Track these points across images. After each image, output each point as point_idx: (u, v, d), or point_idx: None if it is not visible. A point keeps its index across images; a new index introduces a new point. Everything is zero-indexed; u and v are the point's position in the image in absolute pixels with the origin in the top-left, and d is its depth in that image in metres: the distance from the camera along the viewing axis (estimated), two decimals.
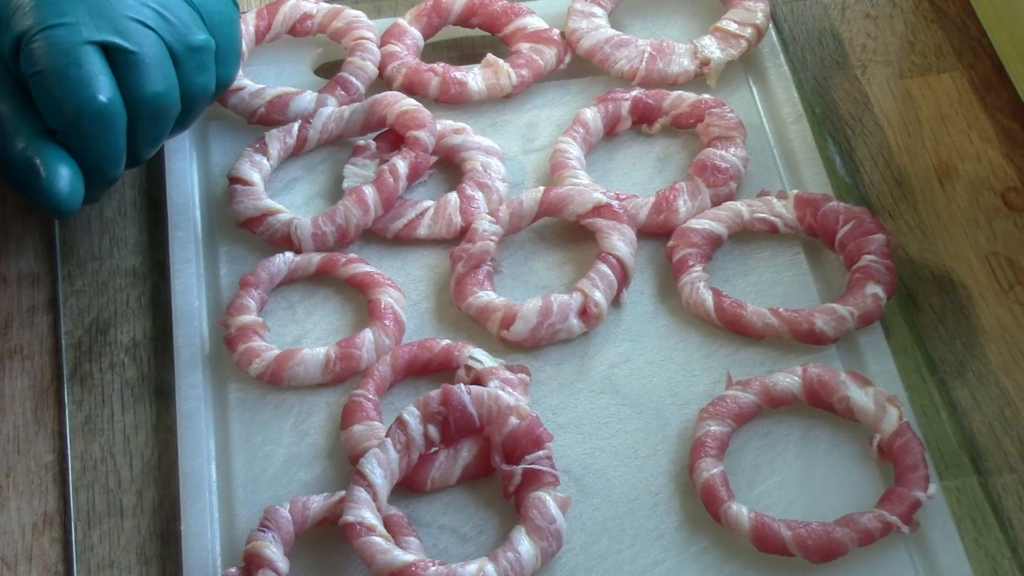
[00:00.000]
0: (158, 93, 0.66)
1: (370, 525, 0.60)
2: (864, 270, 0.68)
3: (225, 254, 0.73)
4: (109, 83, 0.64)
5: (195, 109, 0.69)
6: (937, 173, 0.76)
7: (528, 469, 0.62)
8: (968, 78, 0.80)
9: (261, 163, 0.74)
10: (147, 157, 0.68)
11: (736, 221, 0.72)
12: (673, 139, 0.77)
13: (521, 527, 0.61)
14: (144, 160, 0.69)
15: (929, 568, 0.61)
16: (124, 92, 0.65)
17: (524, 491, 0.62)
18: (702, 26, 0.81)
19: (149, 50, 0.65)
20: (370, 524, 0.60)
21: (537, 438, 0.62)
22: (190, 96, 0.68)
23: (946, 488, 0.64)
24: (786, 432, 0.66)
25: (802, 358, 0.67)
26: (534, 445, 0.62)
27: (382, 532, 0.60)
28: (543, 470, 0.62)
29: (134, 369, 0.69)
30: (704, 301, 0.69)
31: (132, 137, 0.66)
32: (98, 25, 0.64)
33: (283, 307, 0.71)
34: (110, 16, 0.65)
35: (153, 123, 0.67)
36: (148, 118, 0.66)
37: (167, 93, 0.66)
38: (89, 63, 0.64)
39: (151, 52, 0.65)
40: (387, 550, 0.59)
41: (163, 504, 0.65)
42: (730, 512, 0.61)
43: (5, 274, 0.73)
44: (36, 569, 0.63)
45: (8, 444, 0.67)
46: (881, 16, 0.84)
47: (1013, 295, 0.71)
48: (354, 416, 0.65)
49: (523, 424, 0.62)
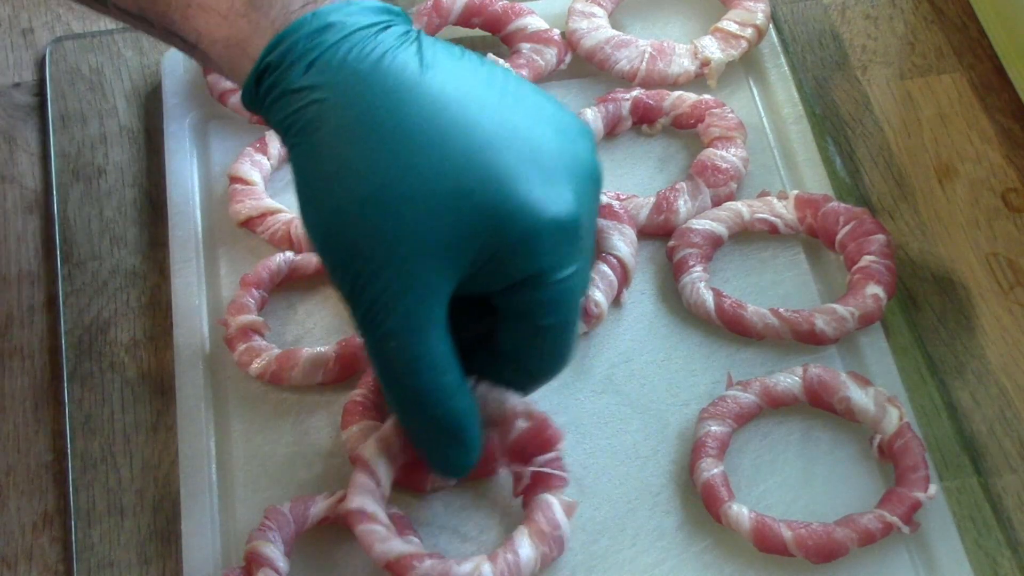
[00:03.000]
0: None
1: (371, 513, 0.59)
2: (864, 270, 0.69)
3: (225, 254, 0.72)
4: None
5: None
6: (937, 174, 0.77)
7: (537, 471, 0.61)
8: (968, 79, 0.80)
9: (261, 163, 0.74)
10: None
11: (736, 221, 0.72)
12: (673, 139, 0.77)
13: (524, 529, 0.60)
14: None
15: (929, 568, 0.61)
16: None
17: (532, 491, 0.61)
18: (702, 26, 0.81)
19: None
20: (371, 512, 0.59)
21: (547, 439, 0.62)
22: None
23: (946, 488, 0.64)
24: (786, 432, 0.66)
25: (802, 358, 0.67)
26: (545, 445, 0.62)
27: (383, 520, 0.59)
28: (553, 473, 0.61)
29: (134, 369, 0.69)
30: (704, 301, 0.69)
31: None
32: (589, 272, 0.59)
33: (283, 307, 0.71)
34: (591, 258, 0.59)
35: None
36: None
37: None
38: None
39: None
40: (386, 538, 0.59)
41: (163, 504, 0.65)
42: (730, 512, 0.61)
43: (5, 274, 0.73)
44: (36, 568, 0.63)
45: (8, 443, 0.67)
46: (881, 17, 0.84)
47: (1013, 295, 0.71)
48: (354, 416, 0.65)
49: (533, 425, 0.62)
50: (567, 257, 0.55)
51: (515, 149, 0.54)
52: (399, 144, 0.53)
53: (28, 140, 0.78)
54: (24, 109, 0.80)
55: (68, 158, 0.77)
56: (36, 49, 0.82)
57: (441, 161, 0.53)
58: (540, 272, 0.55)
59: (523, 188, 0.54)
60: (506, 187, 0.53)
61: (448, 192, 0.53)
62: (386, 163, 0.53)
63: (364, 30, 0.55)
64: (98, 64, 0.81)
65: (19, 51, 0.82)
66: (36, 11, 0.84)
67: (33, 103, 0.80)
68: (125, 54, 0.81)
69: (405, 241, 0.53)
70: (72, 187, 0.76)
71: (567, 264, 0.55)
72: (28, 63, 0.82)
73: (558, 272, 0.55)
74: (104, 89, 0.80)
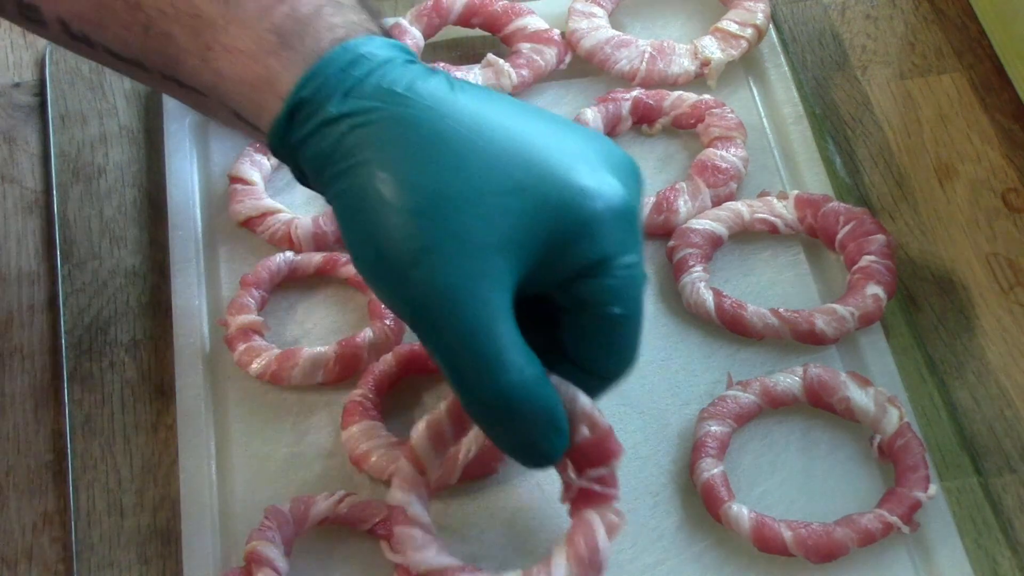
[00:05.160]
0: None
1: (412, 516, 0.57)
2: (864, 270, 0.69)
3: (225, 254, 0.72)
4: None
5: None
6: (937, 174, 0.77)
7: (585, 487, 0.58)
8: (968, 79, 0.80)
9: (261, 163, 0.74)
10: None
11: (736, 221, 0.72)
12: (673, 139, 0.77)
13: (563, 549, 0.57)
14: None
15: (929, 568, 0.61)
16: None
17: (580, 504, 0.58)
18: (702, 26, 0.81)
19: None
20: (412, 514, 0.57)
21: (606, 452, 0.57)
22: None
23: (946, 488, 0.64)
24: (786, 432, 0.66)
25: (802, 358, 0.67)
26: (603, 458, 0.57)
27: (424, 521, 0.57)
28: (601, 491, 0.57)
29: (134, 369, 0.69)
30: (704, 301, 0.69)
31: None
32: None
33: (283, 307, 0.71)
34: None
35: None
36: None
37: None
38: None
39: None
40: (422, 546, 0.57)
41: (163, 504, 0.65)
42: (730, 512, 0.61)
43: (5, 274, 0.73)
44: (36, 568, 0.63)
45: (8, 443, 0.67)
46: (881, 17, 0.84)
47: (1013, 296, 0.71)
48: (354, 416, 0.65)
49: (595, 435, 0.57)
50: (629, 243, 0.56)
51: (560, 147, 0.55)
52: (448, 152, 0.54)
53: (28, 140, 0.78)
54: (24, 109, 0.80)
55: (68, 158, 0.77)
56: (36, 49, 0.82)
57: (491, 162, 0.54)
58: (603, 258, 0.55)
59: (576, 179, 0.54)
60: (560, 179, 0.54)
61: (504, 191, 0.54)
62: (437, 171, 0.54)
63: (392, 61, 0.56)
64: (98, 64, 0.81)
65: (19, 51, 0.82)
66: None
67: (33, 103, 0.80)
68: None
69: (469, 238, 0.53)
70: (72, 187, 0.76)
71: (629, 250, 0.55)
72: (28, 63, 0.82)
73: (622, 257, 0.55)
74: (104, 89, 0.80)
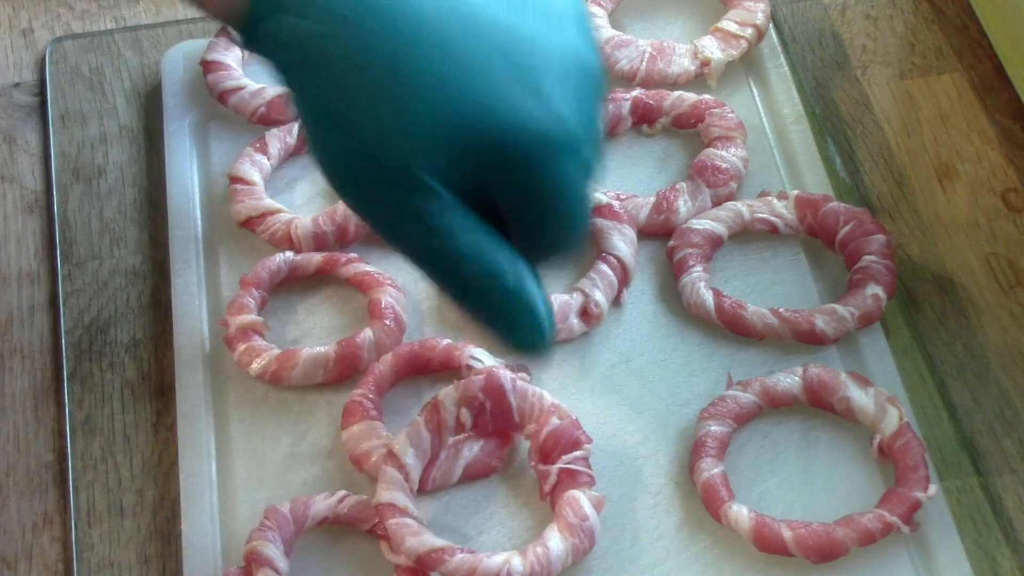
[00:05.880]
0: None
1: (402, 507, 0.60)
2: (864, 270, 0.69)
3: (225, 254, 0.72)
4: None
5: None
6: (937, 174, 0.77)
7: (564, 469, 0.61)
8: (968, 79, 0.80)
9: (261, 163, 0.74)
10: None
11: (736, 221, 0.72)
12: (673, 139, 0.77)
13: (553, 525, 0.60)
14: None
15: (929, 568, 0.61)
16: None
17: (559, 491, 0.61)
18: (702, 26, 0.81)
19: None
20: (402, 506, 0.60)
21: (576, 440, 0.62)
22: None
23: (946, 488, 0.64)
24: (786, 432, 0.66)
25: (802, 358, 0.67)
26: (572, 446, 0.62)
27: (415, 514, 0.60)
28: (579, 470, 0.61)
29: (134, 369, 0.69)
30: (704, 301, 0.69)
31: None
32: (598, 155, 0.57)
33: (283, 307, 0.71)
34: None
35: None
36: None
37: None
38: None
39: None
40: (418, 532, 0.59)
41: (163, 504, 0.65)
42: (730, 512, 0.61)
43: (5, 274, 0.73)
44: (36, 568, 0.63)
45: (8, 443, 0.67)
46: (881, 17, 0.84)
47: (1013, 296, 0.71)
48: (354, 416, 0.65)
49: (563, 424, 0.62)
50: (567, 164, 0.54)
51: (496, 65, 0.53)
52: (391, 75, 0.52)
53: (28, 140, 0.78)
54: (24, 109, 0.80)
55: (68, 158, 0.77)
56: (36, 49, 0.82)
57: (424, 93, 0.52)
58: (543, 185, 0.54)
59: (505, 107, 0.53)
60: (488, 115, 0.53)
61: (436, 123, 0.52)
62: (373, 95, 0.52)
63: None
64: (98, 64, 0.81)
65: (19, 51, 0.82)
66: (36, 11, 0.84)
67: (33, 103, 0.80)
68: (125, 54, 0.81)
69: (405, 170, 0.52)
70: (72, 187, 0.76)
71: (571, 171, 0.54)
72: (28, 63, 0.82)
73: (563, 180, 0.54)
74: (104, 89, 0.80)
